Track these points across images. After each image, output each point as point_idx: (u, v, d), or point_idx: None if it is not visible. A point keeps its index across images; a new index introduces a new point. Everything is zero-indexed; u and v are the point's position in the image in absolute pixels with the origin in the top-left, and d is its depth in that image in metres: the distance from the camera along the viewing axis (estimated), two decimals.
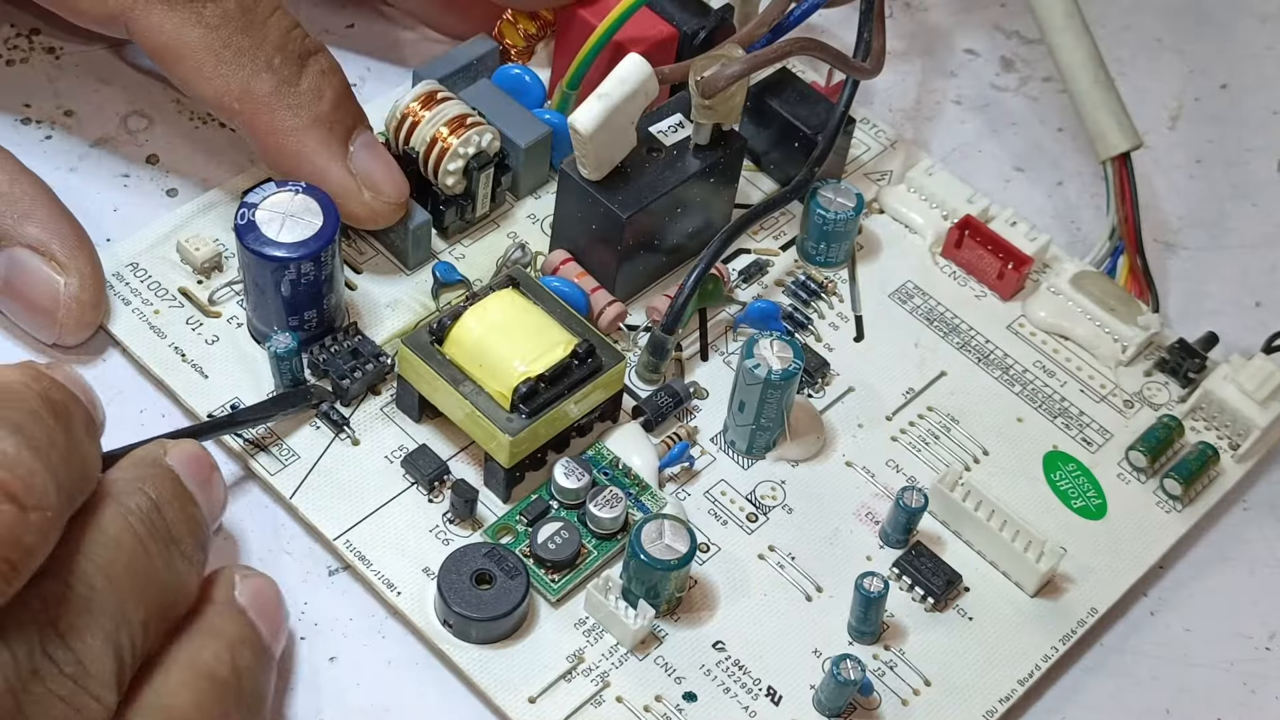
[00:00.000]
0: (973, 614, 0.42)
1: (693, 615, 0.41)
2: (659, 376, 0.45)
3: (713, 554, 0.42)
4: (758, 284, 0.47)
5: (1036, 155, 0.54)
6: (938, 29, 0.57)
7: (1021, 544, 0.42)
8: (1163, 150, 0.55)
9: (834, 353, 0.46)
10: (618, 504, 0.41)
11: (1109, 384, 0.47)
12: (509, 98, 0.48)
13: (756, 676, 0.40)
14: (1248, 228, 0.54)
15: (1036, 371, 0.47)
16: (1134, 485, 0.45)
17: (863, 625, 0.40)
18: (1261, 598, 0.44)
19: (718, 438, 0.44)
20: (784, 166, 0.49)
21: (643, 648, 0.40)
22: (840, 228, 0.47)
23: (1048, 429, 0.45)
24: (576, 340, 0.41)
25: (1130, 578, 0.43)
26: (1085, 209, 0.53)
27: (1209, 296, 0.51)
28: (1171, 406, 0.46)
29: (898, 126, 0.53)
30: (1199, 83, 0.58)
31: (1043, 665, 0.41)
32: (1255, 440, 0.45)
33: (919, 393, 0.46)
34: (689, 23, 0.49)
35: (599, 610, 0.40)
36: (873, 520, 0.43)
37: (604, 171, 0.44)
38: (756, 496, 0.43)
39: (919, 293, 0.48)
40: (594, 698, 0.39)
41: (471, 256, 0.47)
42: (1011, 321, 0.48)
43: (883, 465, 0.44)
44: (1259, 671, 0.43)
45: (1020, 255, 0.48)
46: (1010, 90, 0.56)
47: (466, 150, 0.45)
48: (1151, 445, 0.45)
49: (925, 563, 0.42)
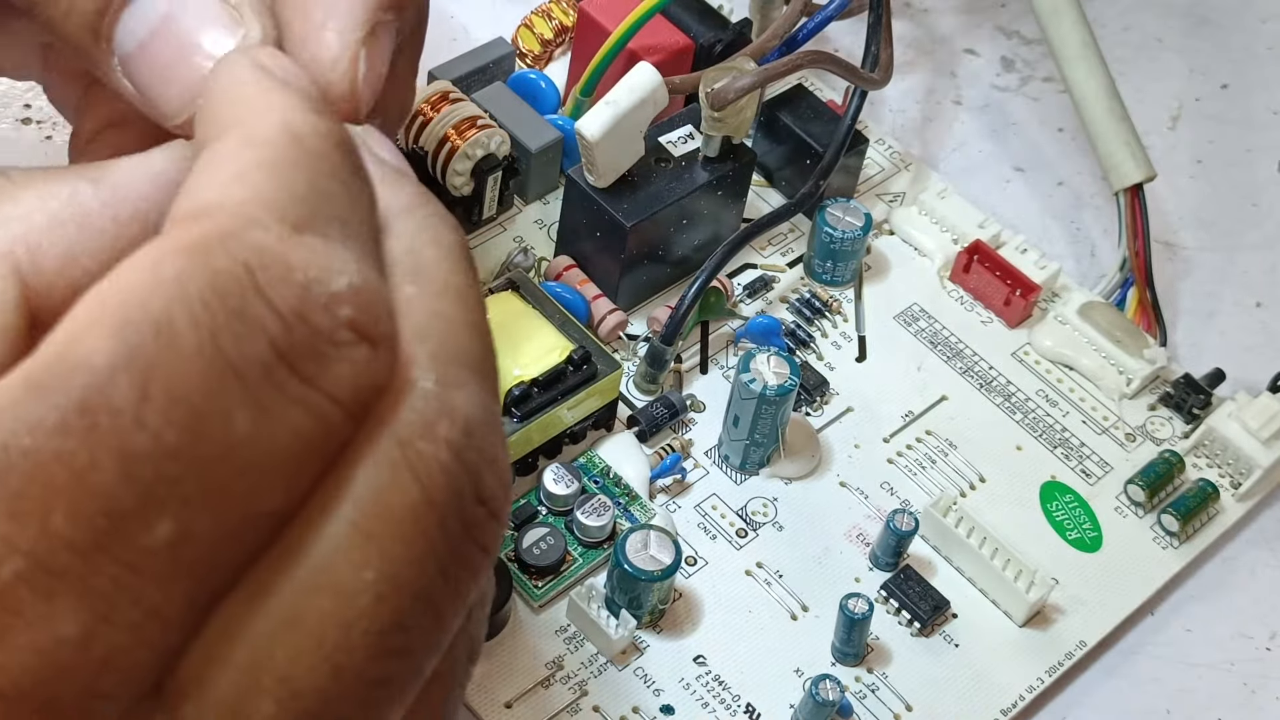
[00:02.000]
0: (959, 641, 0.41)
1: (675, 628, 0.40)
2: (657, 387, 0.44)
3: (699, 567, 0.42)
4: (762, 299, 0.47)
5: (1036, 156, 0.54)
6: (938, 29, 0.57)
7: (1012, 573, 0.41)
8: (1163, 151, 0.54)
9: (835, 372, 0.46)
10: (605, 512, 0.40)
11: (1111, 416, 0.46)
12: (522, 102, 0.48)
13: (736, 693, 0.39)
14: (1248, 228, 0.53)
15: (1039, 400, 0.46)
16: (1131, 519, 0.44)
17: (846, 646, 0.40)
18: (1262, 598, 0.44)
19: (712, 451, 0.44)
20: (795, 183, 0.49)
21: (623, 658, 0.40)
22: (847, 246, 0.47)
23: (1046, 459, 0.45)
24: (573, 346, 0.41)
25: (1122, 612, 0.43)
26: (1086, 210, 0.52)
27: (1209, 298, 0.51)
28: (1174, 442, 0.46)
29: (899, 134, 0.53)
30: (1199, 83, 0.57)
31: (1027, 696, 0.41)
32: (1257, 479, 0.45)
33: (918, 416, 0.46)
34: (706, 35, 0.48)
35: (581, 618, 0.40)
36: (863, 542, 0.43)
37: (610, 179, 0.44)
38: (747, 512, 0.43)
39: (924, 315, 0.48)
40: (571, 705, 0.39)
41: (476, 258, 0.46)
42: (1016, 349, 0.47)
43: (877, 487, 0.44)
44: (1259, 672, 0.43)
45: (1028, 282, 0.47)
46: (1011, 91, 0.56)
47: (475, 152, 0.45)
48: (1151, 480, 0.44)
49: (914, 587, 0.42)
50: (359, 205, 0.25)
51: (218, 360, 0.22)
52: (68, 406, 0.21)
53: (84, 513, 0.21)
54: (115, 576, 0.21)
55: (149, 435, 0.22)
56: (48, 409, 0.21)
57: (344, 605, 0.23)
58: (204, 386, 0.22)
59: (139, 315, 0.22)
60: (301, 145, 0.25)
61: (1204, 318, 0.50)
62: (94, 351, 0.22)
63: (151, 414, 0.22)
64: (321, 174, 0.25)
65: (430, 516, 0.24)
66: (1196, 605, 0.44)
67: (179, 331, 0.22)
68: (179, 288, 0.22)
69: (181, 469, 0.22)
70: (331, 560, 0.23)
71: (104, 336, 0.22)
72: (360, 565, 0.23)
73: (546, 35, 0.50)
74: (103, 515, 0.21)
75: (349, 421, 0.23)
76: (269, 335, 0.22)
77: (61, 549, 0.21)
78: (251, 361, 0.22)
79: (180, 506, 0.22)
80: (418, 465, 0.24)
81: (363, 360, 0.23)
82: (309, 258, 0.23)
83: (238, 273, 0.23)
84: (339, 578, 0.23)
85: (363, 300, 0.23)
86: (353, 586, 0.23)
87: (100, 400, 0.21)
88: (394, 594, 0.23)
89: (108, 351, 0.22)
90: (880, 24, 0.46)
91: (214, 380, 0.22)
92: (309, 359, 0.23)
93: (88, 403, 0.21)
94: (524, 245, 0.47)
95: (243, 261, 0.23)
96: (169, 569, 0.22)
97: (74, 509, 0.21)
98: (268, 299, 0.23)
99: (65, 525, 0.21)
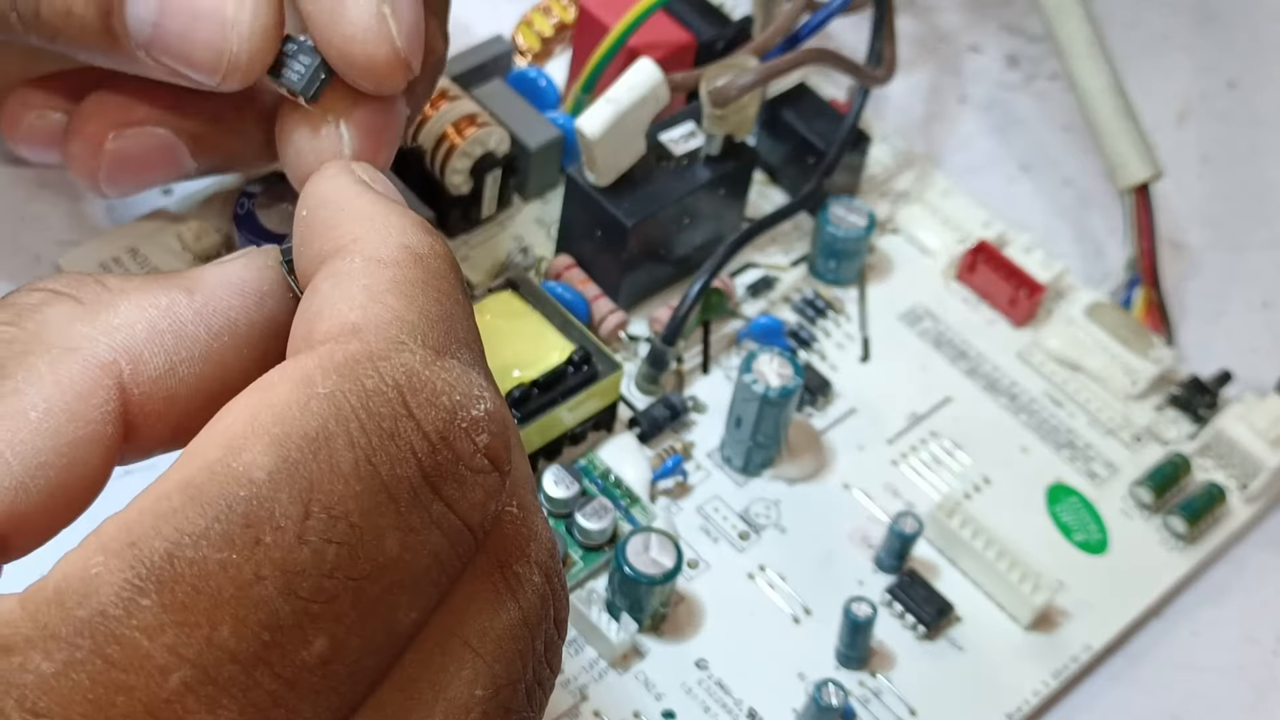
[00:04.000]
0: (964, 645, 0.41)
1: (677, 632, 0.40)
2: (658, 388, 0.44)
3: (701, 571, 0.41)
4: (764, 299, 0.47)
5: (1042, 154, 0.54)
6: (942, 26, 0.57)
7: (1017, 575, 0.41)
8: (1170, 149, 0.54)
9: (838, 372, 0.46)
10: (606, 515, 0.40)
11: (1118, 417, 0.46)
12: (522, 99, 0.47)
13: (738, 697, 0.39)
14: (1256, 227, 0.53)
15: (1044, 401, 0.46)
16: (1138, 521, 0.44)
17: (850, 650, 0.40)
18: (1270, 601, 0.44)
19: (714, 453, 0.43)
20: (798, 181, 0.49)
21: (624, 662, 0.39)
22: (850, 245, 0.46)
23: (1052, 460, 0.45)
24: (573, 347, 0.41)
25: (1129, 615, 0.42)
26: (1092, 209, 0.52)
27: (1216, 297, 0.50)
28: (1181, 443, 0.45)
29: (905, 132, 0.53)
30: (1206, 81, 0.57)
31: (1033, 700, 0.40)
32: (1265, 481, 0.44)
33: (923, 417, 0.45)
34: (707, 31, 0.48)
35: (581, 622, 0.39)
36: (867, 544, 0.42)
37: (611, 177, 0.43)
38: (750, 514, 0.42)
39: (929, 315, 0.47)
40: (571, 710, 0.38)
41: (476, 258, 0.46)
42: (1022, 349, 0.47)
43: (881, 489, 0.43)
44: (1267, 677, 0.42)
45: (1033, 282, 0.47)
46: (1016, 88, 0.55)
47: (474, 150, 0.44)
48: (1158, 481, 0.44)
49: (918, 590, 0.41)
50: (473, 325, 0.27)
51: (374, 480, 0.23)
52: (232, 519, 0.22)
53: (248, 626, 0.22)
54: (273, 691, 0.22)
55: (311, 552, 0.22)
56: (212, 520, 0.22)
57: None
58: (361, 505, 0.23)
59: (298, 431, 0.23)
60: (426, 267, 0.26)
61: (1211, 318, 0.50)
62: (255, 466, 0.22)
63: (313, 531, 0.22)
64: (445, 295, 0.26)
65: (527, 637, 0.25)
66: (1204, 608, 0.43)
67: (337, 449, 0.23)
68: (334, 406, 0.23)
69: (339, 586, 0.22)
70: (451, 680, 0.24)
71: (263, 451, 0.22)
72: (473, 684, 0.24)
73: (546, 32, 0.50)
74: (266, 629, 0.22)
75: (473, 545, 0.24)
76: (418, 457, 0.23)
77: (227, 661, 0.22)
78: (402, 482, 0.23)
79: (334, 623, 0.22)
80: (518, 589, 0.25)
81: (493, 487, 0.24)
82: (452, 382, 0.24)
83: (390, 395, 0.23)
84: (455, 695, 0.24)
85: (497, 427, 0.25)
86: (466, 704, 0.24)
87: (265, 514, 0.22)
88: (495, 711, 0.25)
89: (269, 466, 0.22)
90: (883, 21, 0.46)
91: (370, 499, 0.23)
92: (451, 482, 0.24)
93: (252, 516, 0.22)
94: (524, 244, 0.46)
95: (394, 383, 0.24)
96: (320, 683, 0.22)
97: (239, 622, 0.22)
98: (417, 421, 0.23)
99: (231, 638, 0.22)
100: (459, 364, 0.25)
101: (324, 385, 0.23)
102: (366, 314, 0.25)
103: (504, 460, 0.25)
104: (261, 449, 0.22)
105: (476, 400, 0.24)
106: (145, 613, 0.21)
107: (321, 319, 0.25)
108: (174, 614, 0.21)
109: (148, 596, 0.21)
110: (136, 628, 0.21)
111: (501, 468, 0.25)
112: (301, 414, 0.23)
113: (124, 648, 0.21)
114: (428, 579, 0.24)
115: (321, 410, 0.23)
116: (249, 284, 0.28)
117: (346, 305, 0.25)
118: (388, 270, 0.26)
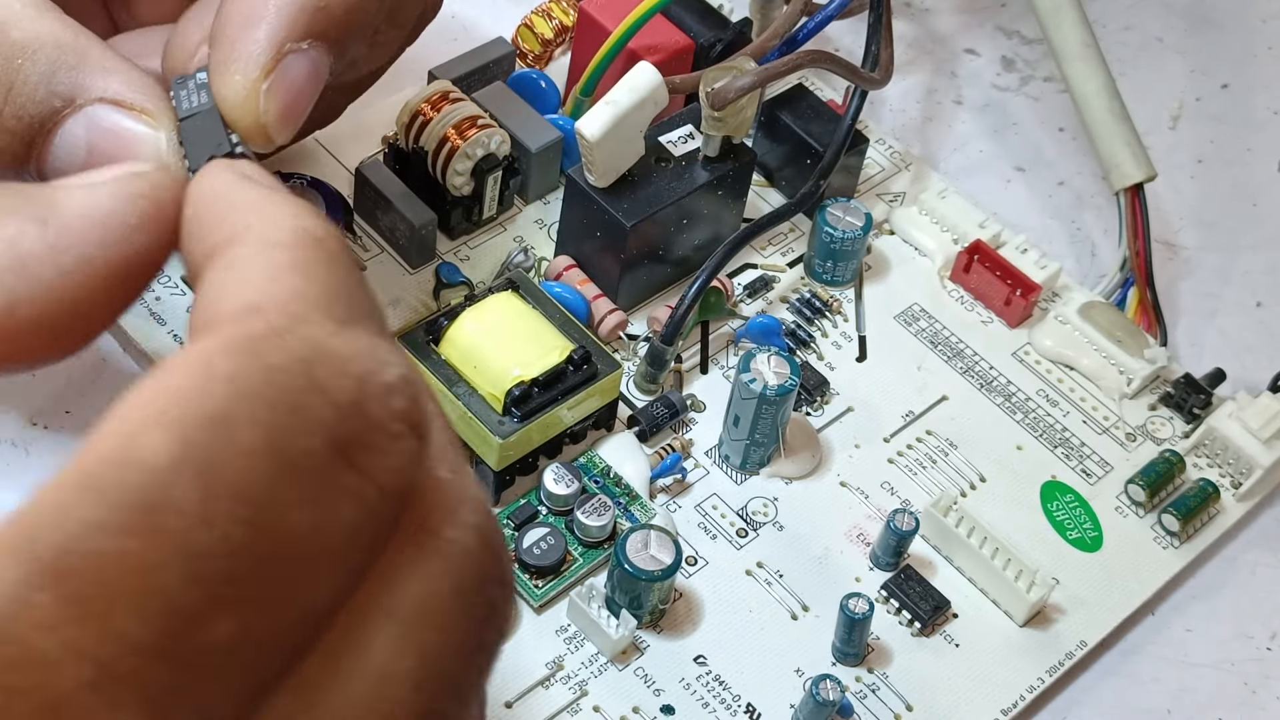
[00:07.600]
0: (960, 641, 0.41)
1: (676, 628, 0.40)
2: (657, 387, 0.44)
3: (700, 567, 0.42)
4: (762, 299, 0.47)
5: (1037, 156, 0.54)
6: (938, 29, 0.57)
7: (1013, 573, 0.41)
8: (1163, 150, 0.54)
9: (835, 371, 0.46)
10: (606, 512, 0.40)
11: (1112, 416, 0.46)
12: (522, 101, 0.47)
13: (736, 693, 0.39)
14: (1249, 228, 0.53)
15: (1039, 400, 0.46)
16: (1131, 519, 0.44)
17: (846, 646, 0.40)
18: (1262, 598, 0.44)
19: (712, 451, 0.44)
20: (796, 182, 0.49)
21: (623, 658, 0.40)
22: (847, 246, 0.47)
23: (1047, 458, 0.45)
24: (573, 346, 0.41)
25: (1123, 612, 0.43)
26: (1086, 209, 0.52)
27: (1210, 296, 0.51)
28: (1174, 442, 0.46)
29: (901, 133, 0.53)
30: (1200, 83, 0.57)
31: (1028, 696, 0.41)
32: (1258, 479, 0.45)
33: (919, 416, 0.45)
34: (706, 34, 0.48)
35: (581, 618, 0.40)
36: (864, 541, 0.43)
37: (610, 179, 0.44)
38: (748, 512, 0.43)
39: (925, 315, 0.48)
40: (571, 705, 0.39)
41: (476, 258, 0.46)
42: (1017, 349, 0.47)
43: (877, 487, 0.44)
44: (1260, 672, 0.43)
45: (1028, 282, 0.47)
46: (1011, 90, 0.56)
47: (475, 151, 0.45)
48: (1151, 480, 0.44)
49: (914, 586, 0.41)
50: (376, 302, 0.26)
51: (278, 457, 0.22)
52: (131, 507, 0.21)
53: (149, 615, 0.21)
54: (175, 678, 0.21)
55: (213, 535, 0.21)
56: (109, 510, 0.21)
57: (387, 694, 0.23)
58: (266, 483, 0.22)
59: (196, 414, 0.22)
60: (322, 247, 0.26)
61: (1204, 317, 0.50)
62: (153, 452, 0.22)
63: (214, 513, 0.21)
64: (346, 272, 0.26)
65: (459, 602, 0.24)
66: (1197, 605, 0.44)
67: (238, 429, 0.22)
68: (234, 386, 0.22)
69: (243, 566, 0.22)
70: (374, 651, 0.23)
71: (162, 437, 0.22)
72: (400, 655, 0.23)
73: (546, 35, 0.50)
74: (167, 616, 0.21)
75: (393, 512, 0.24)
76: (326, 428, 0.23)
77: (128, 653, 0.21)
78: (308, 456, 0.22)
79: (240, 605, 0.22)
80: (447, 553, 0.24)
81: (412, 451, 0.24)
82: (360, 350, 0.24)
83: (294, 369, 0.23)
84: (379, 666, 0.23)
85: (411, 390, 0.24)
86: (394, 675, 0.23)
87: (164, 500, 0.21)
88: (429, 680, 0.24)
89: (167, 451, 0.22)
90: (880, 23, 0.46)
91: (275, 476, 0.22)
92: (363, 450, 0.23)
93: (151, 503, 0.21)
94: (524, 245, 0.47)
95: (299, 357, 0.23)
96: (226, 667, 0.22)
97: (140, 611, 0.21)
98: (326, 392, 0.23)
99: (132, 628, 0.21)
100: (365, 333, 0.24)
101: (225, 365, 0.22)
102: (266, 293, 0.25)
103: (422, 424, 0.24)
104: (159, 434, 0.22)
105: (386, 365, 0.24)
106: (40, 610, 0.20)
107: (221, 303, 0.25)
108: (71, 608, 0.20)
109: (43, 593, 0.20)
110: (31, 626, 0.20)
111: (420, 431, 0.24)
112: (201, 395, 0.22)
113: (19, 648, 0.20)
114: (343, 552, 0.23)
115: (222, 390, 0.22)
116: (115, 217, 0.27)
117: (246, 287, 0.25)
118: (285, 252, 0.25)
